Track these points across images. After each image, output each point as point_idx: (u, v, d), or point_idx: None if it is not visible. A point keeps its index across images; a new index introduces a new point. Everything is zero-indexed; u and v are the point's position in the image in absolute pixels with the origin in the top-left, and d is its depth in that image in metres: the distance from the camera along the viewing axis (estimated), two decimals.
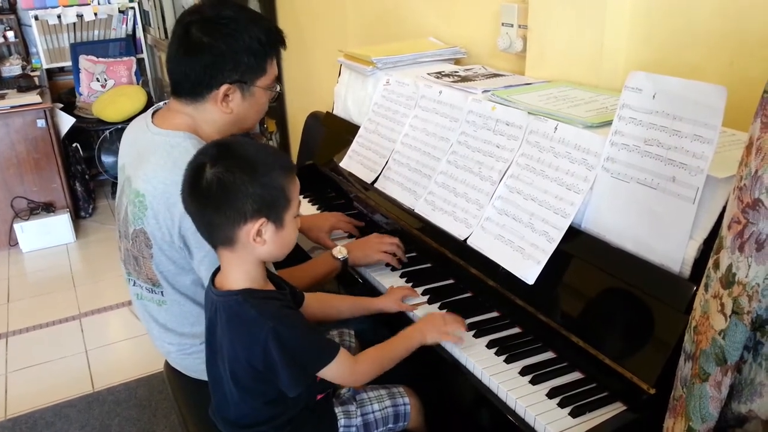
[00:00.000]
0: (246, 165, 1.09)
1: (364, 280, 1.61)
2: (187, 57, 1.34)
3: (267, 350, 1.09)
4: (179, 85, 1.38)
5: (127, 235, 1.42)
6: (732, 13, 1.30)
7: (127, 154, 1.47)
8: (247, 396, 1.18)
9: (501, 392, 1.18)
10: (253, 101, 1.42)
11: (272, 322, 1.10)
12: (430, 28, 2.25)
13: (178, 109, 1.40)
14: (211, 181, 1.07)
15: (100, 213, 4.39)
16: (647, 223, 1.14)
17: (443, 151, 1.61)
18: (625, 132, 1.18)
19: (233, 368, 1.15)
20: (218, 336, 1.18)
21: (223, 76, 1.34)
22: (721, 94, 1.03)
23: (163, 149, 1.34)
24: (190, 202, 1.13)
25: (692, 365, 0.91)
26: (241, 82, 1.37)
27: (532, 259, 1.28)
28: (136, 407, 2.43)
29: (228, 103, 1.38)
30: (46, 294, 3.37)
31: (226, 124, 1.41)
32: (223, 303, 1.15)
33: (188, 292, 1.42)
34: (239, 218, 1.09)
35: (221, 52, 1.32)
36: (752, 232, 0.80)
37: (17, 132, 3.80)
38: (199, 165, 1.10)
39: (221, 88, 1.35)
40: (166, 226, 1.31)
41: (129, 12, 4.86)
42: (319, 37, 3.34)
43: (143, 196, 1.33)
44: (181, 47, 1.35)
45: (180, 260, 1.37)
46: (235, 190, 1.07)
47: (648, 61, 1.48)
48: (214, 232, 1.13)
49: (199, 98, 1.37)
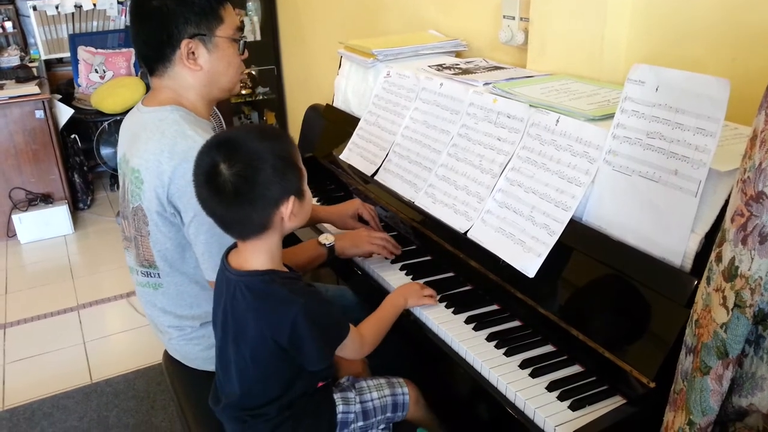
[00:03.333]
0: (260, 154, 1.10)
1: (364, 273, 1.61)
2: (143, 26, 1.38)
3: (295, 326, 1.12)
4: (147, 59, 1.41)
5: (128, 215, 1.44)
6: (734, 6, 1.30)
7: (124, 141, 1.49)
8: (264, 375, 1.20)
9: (501, 385, 1.18)
10: (220, 54, 1.42)
11: (303, 298, 1.14)
12: (430, 20, 2.24)
13: (159, 86, 1.43)
14: (236, 181, 1.09)
15: (98, 204, 4.38)
16: (649, 217, 1.14)
17: (444, 143, 1.60)
18: (628, 125, 1.18)
19: (255, 347, 1.17)
20: (238, 315, 1.19)
21: (179, 31, 1.36)
22: (724, 86, 1.02)
23: (152, 124, 1.37)
24: (216, 205, 1.13)
25: (693, 358, 0.91)
26: (200, 35, 1.38)
27: (532, 252, 1.28)
28: (134, 398, 2.42)
29: (195, 60, 1.40)
30: (44, 285, 3.36)
31: (203, 86, 1.43)
32: (247, 283, 1.17)
33: (188, 271, 1.43)
34: (272, 205, 1.13)
35: (170, 9, 1.35)
36: (755, 224, 0.80)
37: (15, 123, 3.78)
38: (212, 168, 1.10)
39: (182, 45, 1.37)
40: (156, 194, 1.33)
41: (128, 3, 4.84)
42: (318, 29, 3.33)
43: (138, 171, 1.36)
44: (136, 19, 1.39)
45: (176, 236, 1.38)
46: (263, 182, 1.10)
47: (650, 55, 1.48)
48: (247, 226, 1.15)
49: (167, 63, 1.40)
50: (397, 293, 1.40)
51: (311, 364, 1.18)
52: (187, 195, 1.28)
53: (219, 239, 1.32)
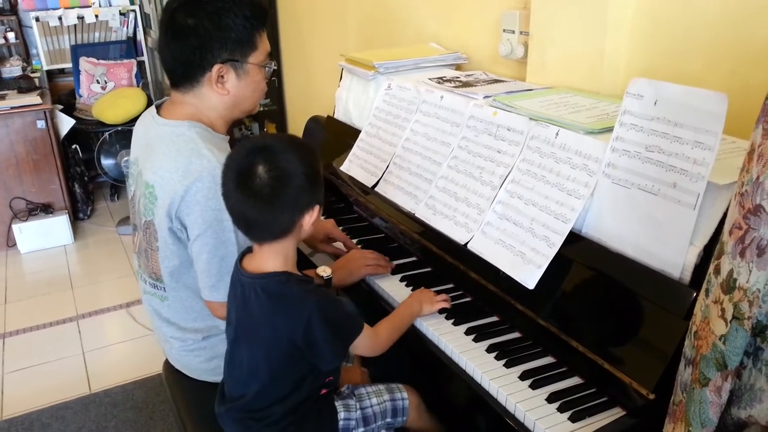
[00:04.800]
0: (296, 163, 1.14)
1: (367, 285, 1.61)
2: (175, 42, 1.35)
3: (309, 325, 1.15)
4: (173, 73, 1.39)
5: (140, 227, 1.45)
6: (733, 21, 1.31)
7: (138, 147, 1.49)
8: (275, 375, 1.21)
9: (501, 396, 1.18)
10: (248, 80, 1.41)
11: (316, 297, 1.18)
12: (431, 33, 2.26)
13: (180, 100, 1.41)
14: (274, 185, 1.12)
15: (98, 215, 4.39)
16: (648, 229, 1.15)
17: (444, 155, 1.61)
18: (627, 138, 1.19)
19: (269, 348, 1.20)
20: (252, 317, 1.21)
21: (213, 56, 1.34)
22: (722, 101, 1.03)
23: (168, 139, 1.36)
24: (249, 206, 1.15)
25: (692, 370, 0.91)
26: (232, 61, 1.37)
27: (532, 263, 1.29)
28: (133, 409, 2.42)
29: (224, 84, 1.38)
30: (44, 295, 3.36)
31: (226, 108, 1.42)
32: (262, 284, 1.19)
33: (193, 285, 1.43)
34: (299, 212, 1.17)
35: (207, 32, 1.32)
36: (753, 237, 0.80)
37: (17, 133, 3.80)
38: (249, 171, 1.12)
39: (214, 69, 1.35)
40: (168, 211, 1.33)
41: (130, 14, 4.87)
42: (320, 42, 3.35)
43: (152, 187, 1.36)
44: (168, 33, 1.35)
45: (184, 253, 1.39)
46: (296, 188, 1.14)
47: (649, 69, 1.49)
48: (272, 228, 1.18)
49: (195, 83, 1.38)
50: (413, 299, 1.42)
51: (324, 362, 1.21)
52: (195, 212, 1.29)
53: (219, 261, 1.34)
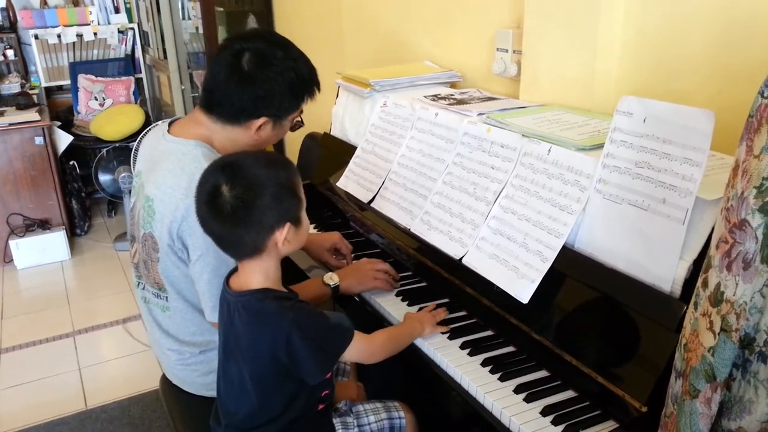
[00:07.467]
0: (261, 180, 1.14)
1: (361, 299, 1.63)
2: (239, 85, 1.37)
3: (290, 340, 1.15)
4: (220, 108, 1.40)
5: (138, 238, 1.46)
6: (720, 43, 1.34)
7: (143, 160, 1.51)
8: (265, 393, 1.21)
9: (496, 410, 1.19)
10: (280, 131, 1.48)
11: (292, 312, 1.17)
12: (426, 52, 2.29)
13: (200, 121, 1.43)
14: (235, 204, 1.12)
15: (95, 231, 4.39)
16: (638, 244, 1.17)
17: (439, 171, 1.63)
18: (617, 154, 1.21)
19: (254, 367, 1.20)
20: (237, 336, 1.21)
21: (266, 110, 1.40)
22: (709, 118, 1.06)
23: (174, 156, 1.38)
24: (214, 224, 1.16)
25: (683, 382, 0.93)
26: (277, 116, 1.42)
27: (526, 278, 1.30)
28: (129, 425, 2.41)
29: (260, 133, 1.43)
30: (40, 311, 3.36)
31: (247, 145, 1.45)
32: (243, 302, 1.19)
33: (194, 300, 1.44)
34: (267, 230, 1.16)
35: (271, 88, 1.38)
36: (739, 251, 0.82)
37: (15, 149, 3.82)
38: (214, 188, 1.13)
39: (260, 120, 1.40)
40: (168, 228, 1.35)
41: (128, 32, 4.91)
42: (316, 60, 3.38)
43: (152, 200, 1.38)
44: (233, 74, 1.36)
45: (184, 267, 1.39)
46: (260, 207, 1.13)
47: (638, 88, 1.52)
48: (241, 247, 1.19)
49: (233, 122, 1.41)
50: (414, 319, 1.42)
51: (310, 376, 1.20)
52: (197, 234, 1.30)
53: (221, 281, 1.34)
